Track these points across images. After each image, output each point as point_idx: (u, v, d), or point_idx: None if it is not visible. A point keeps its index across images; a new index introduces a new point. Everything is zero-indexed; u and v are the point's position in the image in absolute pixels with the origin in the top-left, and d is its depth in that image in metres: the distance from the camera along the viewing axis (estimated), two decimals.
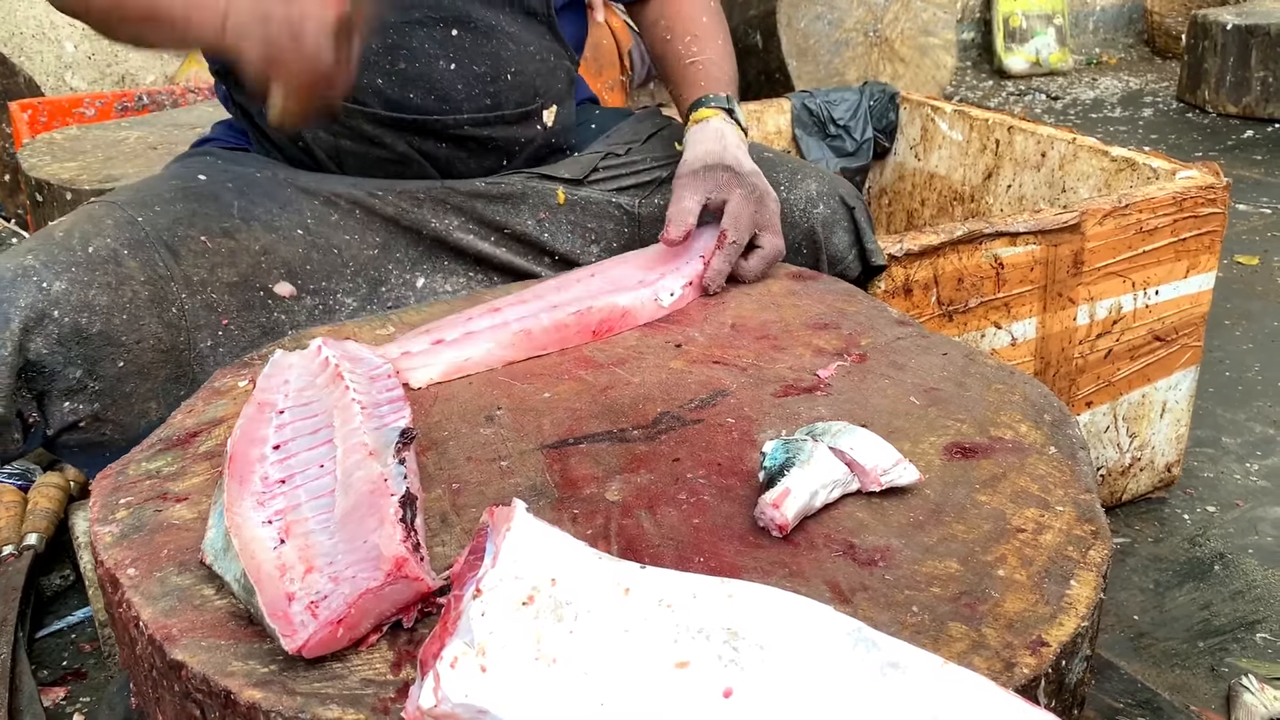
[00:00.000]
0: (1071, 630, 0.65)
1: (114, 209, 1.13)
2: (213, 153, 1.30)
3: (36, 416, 1.05)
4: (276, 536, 0.70)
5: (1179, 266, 1.71)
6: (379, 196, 1.24)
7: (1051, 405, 0.91)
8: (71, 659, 1.56)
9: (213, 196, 1.18)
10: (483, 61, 1.24)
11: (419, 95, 1.22)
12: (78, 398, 1.06)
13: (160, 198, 1.16)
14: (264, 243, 1.18)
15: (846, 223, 1.29)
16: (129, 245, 1.10)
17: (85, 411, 1.06)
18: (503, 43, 1.25)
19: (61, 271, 1.05)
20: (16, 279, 1.03)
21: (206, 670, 0.63)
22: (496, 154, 1.31)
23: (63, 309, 1.04)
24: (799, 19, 3.87)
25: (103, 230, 1.10)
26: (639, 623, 0.59)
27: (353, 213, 1.23)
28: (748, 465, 0.83)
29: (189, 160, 1.29)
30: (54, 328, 1.03)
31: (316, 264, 1.20)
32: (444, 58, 1.22)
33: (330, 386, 0.87)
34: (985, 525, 0.75)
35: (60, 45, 3.65)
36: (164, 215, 1.14)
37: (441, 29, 1.22)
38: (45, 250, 1.06)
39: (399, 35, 1.20)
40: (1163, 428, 1.83)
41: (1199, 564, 1.72)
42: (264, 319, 1.17)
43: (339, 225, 1.23)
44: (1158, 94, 5.17)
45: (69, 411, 1.06)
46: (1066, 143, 1.91)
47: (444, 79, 1.23)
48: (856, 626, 0.58)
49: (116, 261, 1.08)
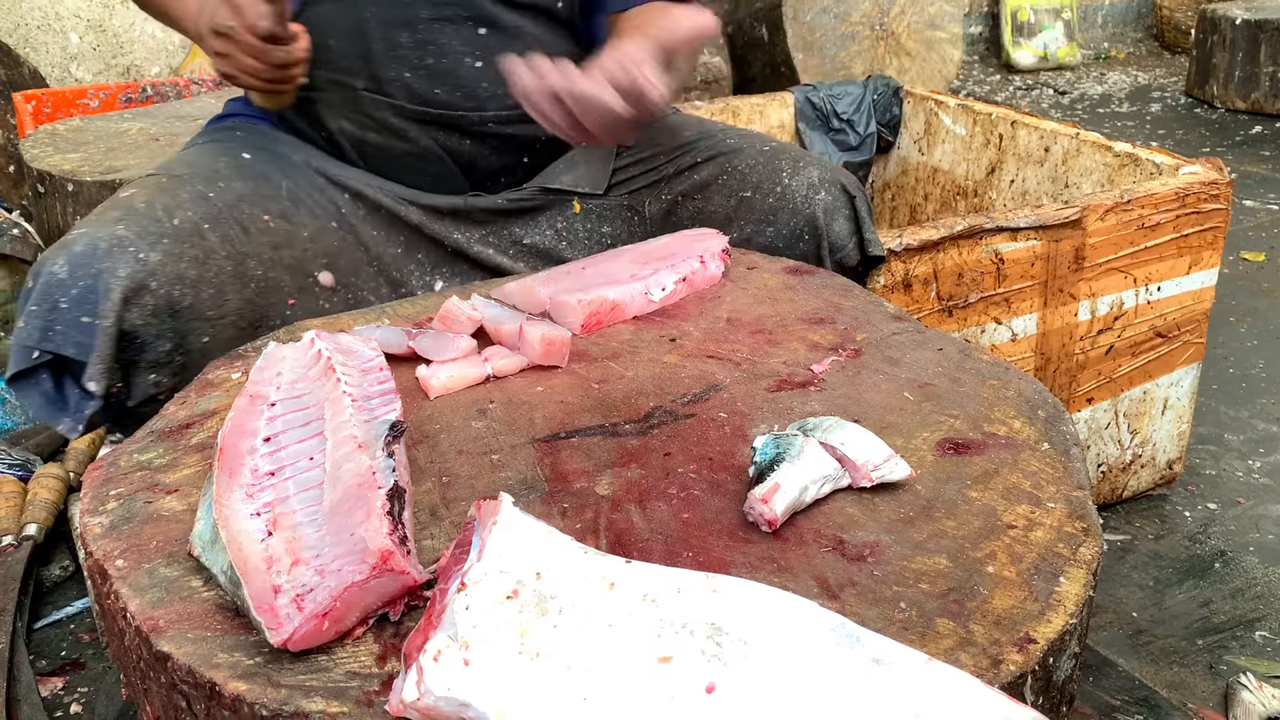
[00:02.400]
0: (1060, 627, 0.65)
1: (183, 182, 1.13)
2: (241, 128, 1.31)
3: (120, 387, 1.05)
4: (264, 529, 0.70)
5: (1181, 263, 1.70)
6: (404, 206, 1.26)
7: (1046, 401, 0.90)
8: (70, 649, 1.57)
9: (264, 176, 1.19)
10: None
11: (445, 91, 1.24)
12: (163, 370, 1.06)
13: (220, 174, 1.16)
14: (311, 229, 1.20)
15: (848, 211, 1.30)
16: (208, 219, 1.10)
17: (167, 384, 1.07)
18: (528, 44, 1.27)
19: (155, 243, 1.05)
20: (113, 249, 1.02)
21: (192, 662, 0.63)
22: (518, 151, 1.33)
23: (159, 281, 1.04)
24: (805, 12, 3.86)
25: (181, 203, 1.10)
26: (623, 617, 0.59)
27: (378, 211, 1.26)
28: (739, 460, 0.82)
29: (218, 136, 1.29)
30: (150, 300, 1.03)
31: (348, 258, 1.23)
32: (471, 55, 1.25)
33: (322, 379, 0.87)
34: (976, 522, 0.75)
35: (65, 37, 3.65)
36: (229, 192, 1.14)
37: (470, 27, 1.24)
38: (135, 221, 1.06)
39: (429, 32, 1.23)
40: (1164, 424, 1.82)
41: (1199, 561, 1.72)
42: (313, 305, 1.18)
43: (366, 220, 1.25)
44: (1166, 89, 5.15)
45: (152, 384, 1.06)
46: (1070, 138, 1.91)
47: (471, 76, 1.25)
48: (840, 622, 0.58)
49: (200, 235, 1.08)
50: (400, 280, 1.26)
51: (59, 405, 1.04)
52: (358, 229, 1.24)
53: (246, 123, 1.33)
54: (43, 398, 1.04)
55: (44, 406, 1.04)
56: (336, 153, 1.29)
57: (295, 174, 1.22)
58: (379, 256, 1.25)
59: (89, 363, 1.00)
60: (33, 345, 1.01)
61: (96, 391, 1.01)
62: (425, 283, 1.28)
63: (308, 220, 1.20)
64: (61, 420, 1.04)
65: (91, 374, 1.00)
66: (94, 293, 1.01)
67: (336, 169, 1.26)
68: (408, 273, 1.27)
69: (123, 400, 1.06)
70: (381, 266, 1.25)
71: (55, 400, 1.04)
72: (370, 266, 1.24)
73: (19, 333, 1.01)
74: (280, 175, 1.21)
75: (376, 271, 1.25)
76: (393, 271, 1.26)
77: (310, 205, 1.21)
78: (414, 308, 1.13)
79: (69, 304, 1.00)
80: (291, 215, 1.18)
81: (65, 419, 1.04)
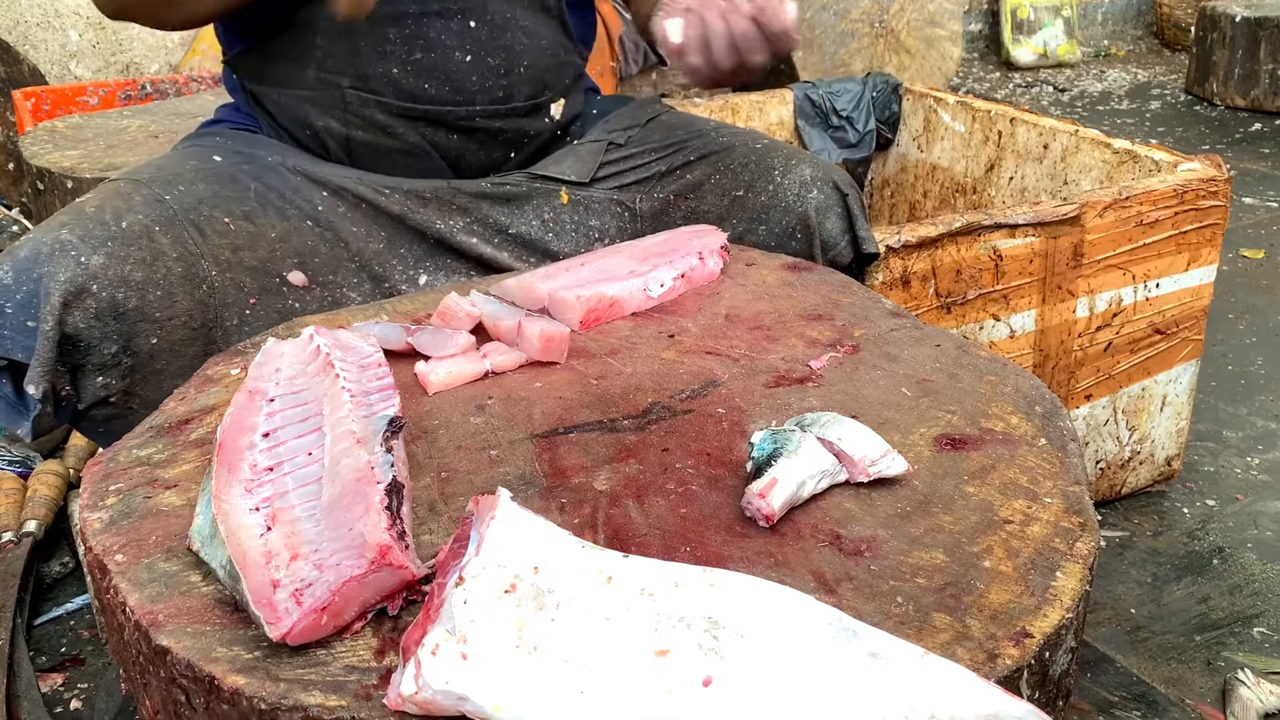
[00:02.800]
0: (1056, 622, 0.65)
1: (140, 186, 1.13)
2: (223, 133, 1.31)
3: (69, 390, 1.05)
4: (263, 523, 0.70)
5: (1180, 259, 1.70)
6: (385, 194, 1.25)
7: (1043, 397, 0.90)
8: (70, 646, 1.57)
9: (231, 178, 1.19)
10: (497, 54, 1.26)
11: (434, 86, 1.24)
12: (111, 373, 1.06)
13: (181, 177, 1.16)
14: (279, 230, 1.19)
15: (840, 209, 1.29)
16: (159, 222, 1.10)
17: (117, 387, 1.07)
18: (516, 36, 1.27)
19: (98, 246, 1.05)
20: (54, 253, 1.03)
21: (191, 656, 0.63)
22: (505, 146, 1.32)
23: (101, 284, 1.04)
24: (805, 9, 3.86)
25: (133, 206, 1.10)
26: (620, 611, 0.59)
27: (359, 206, 1.24)
28: (737, 455, 0.83)
29: (199, 141, 1.29)
30: (92, 302, 1.04)
31: (324, 256, 1.22)
32: (460, 49, 1.24)
33: (321, 375, 0.87)
34: (973, 517, 0.75)
35: (65, 34, 3.65)
36: (188, 194, 1.14)
37: (459, 20, 1.24)
38: (80, 225, 1.06)
39: (417, 26, 1.22)
40: (1163, 421, 1.82)
41: (1197, 558, 1.72)
42: (280, 305, 1.18)
43: (346, 217, 1.24)
44: (1166, 86, 5.15)
45: (101, 386, 1.06)
46: (1069, 135, 1.91)
47: (459, 70, 1.24)
48: (837, 616, 0.59)
49: (149, 238, 1.09)
50: (383, 275, 1.25)
51: (18, 409, 1.05)
52: (337, 226, 1.22)
53: (230, 129, 1.33)
54: (3, 402, 1.04)
55: (4, 410, 1.05)
56: (322, 152, 1.28)
57: (268, 175, 1.21)
58: (359, 252, 1.23)
59: (30, 366, 1.01)
60: None
61: (35, 395, 1.01)
62: (409, 277, 1.27)
63: (276, 221, 1.19)
64: (20, 423, 1.05)
65: (32, 377, 1.00)
66: (35, 296, 1.01)
67: (316, 167, 1.25)
68: (390, 268, 1.25)
69: (74, 403, 1.07)
70: (363, 262, 1.24)
71: (14, 404, 1.05)
72: (351, 263, 1.23)
73: None
74: (249, 178, 1.20)
75: (358, 268, 1.23)
76: (375, 266, 1.24)
77: (281, 206, 1.20)
78: (412, 304, 1.13)
79: (13, 309, 1.01)
80: (257, 217, 1.18)
81: (24, 422, 1.05)
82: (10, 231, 2.11)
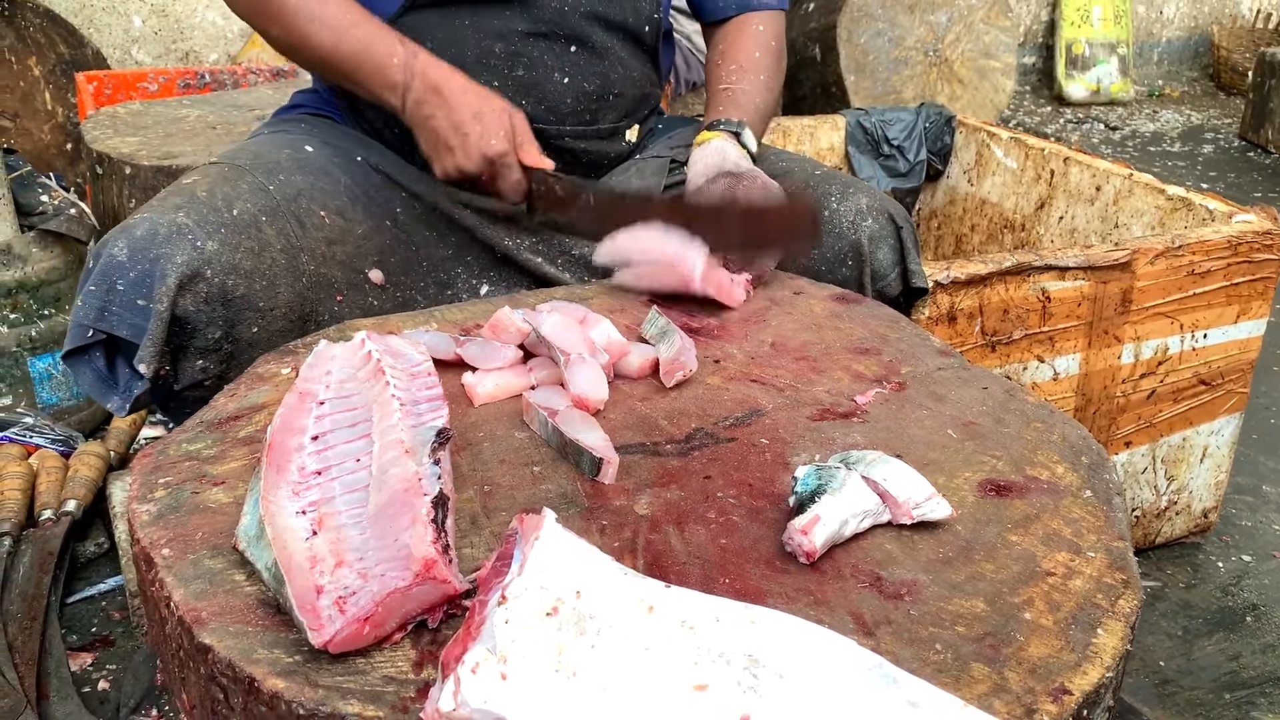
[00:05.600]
0: (1095, 680, 0.65)
1: (243, 173, 1.15)
2: (306, 119, 1.34)
3: (168, 370, 1.08)
4: (309, 528, 0.71)
5: (1230, 311, 1.68)
6: (459, 208, 1.28)
7: (1090, 448, 0.90)
8: (101, 625, 1.59)
9: (324, 171, 1.22)
10: (593, 80, 1.31)
11: (530, 103, 1.27)
12: (211, 357, 1.09)
13: (280, 166, 1.18)
14: (365, 227, 1.22)
15: (893, 240, 1.29)
16: (265, 212, 1.13)
17: (213, 371, 1.09)
18: (613, 65, 1.32)
19: (213, 232, 1.07)
20: (172, 235, 1.05)
21: (232, 655, 0.64)
22: (586, 167, 1.36)
23: (214, 269, 1.06)
24: (859, 34, 3.85)
25: (240, 194, 1.12)
26: (660, 642, 0.60)
27: (433, 212, 1.28)
28: (779, 488, 0.83)
29: (285, 127, 1.31)
30: (204, 287, 1.06)
31: (399, 257, 1.24)
32: (559, 70, 1.28)
33: (371, 380, 0.88)
34: (1015, 566, 0.74)
35: (128, 19, 3.71)
36: (288, 185, 1.17)
37: (561, 44, 1.28)
38: (195, 209, 1.08)
39: (522, 45, 1.26)
40: (1202, 472, 1.80)
41: (1230, 614, 1.70)
42: (363, 302, 1.20)
43: (420, 220, 1.27)
44: (1220, 130, 5.09)
45: (200, 369, 1.09)
46: (1122, 178, 1.89)
47: (556, 91, 1.28)
48: (878, 662, 0.58)
49: (257, 227, 1.11)
50: (447, 282, 1.28)
51: (109, 384, 1.07)
52: (410, 229, 1.26)
53: (313, 115, 1.35)
54: (94, 375, 1.07)
55: (95, 384, 1.07)
56: (406, 152, 1.30)
57: (355, 171, 1.24)
58: (429, 257, 1.27)
59: (141, 345, 1.02)
60: (89, 324, 1.03)
61: (146, 373, 1.03)
62: (471, 286, 1.30)
63: (363, 218, 1.22)
64: (111, 398, 1.07)
65: (143, 356, 1.02)
66: (151, 277, 1.03)
67: (395, 168, 1.27)
68: (455, 275, 1.28)
69: (169, 383, 1.08)
70: (431, 267, 1.27)
71: (106, 379, 1.07)
72: (420, 266, 1.26)
73: (76, 311, 1.04)
74: (340, 171, 1.23)
75: (426, 271, 1.26)
76: (440, 273, 1.27)
77: (366, 203, 1.23)
78: (462, 313, 1.14)
79: (126, 286, 1.03)
80: (348, 212, 1.20)
81: (114, 397, 1.07)
82: (67, 214, 2.14)
